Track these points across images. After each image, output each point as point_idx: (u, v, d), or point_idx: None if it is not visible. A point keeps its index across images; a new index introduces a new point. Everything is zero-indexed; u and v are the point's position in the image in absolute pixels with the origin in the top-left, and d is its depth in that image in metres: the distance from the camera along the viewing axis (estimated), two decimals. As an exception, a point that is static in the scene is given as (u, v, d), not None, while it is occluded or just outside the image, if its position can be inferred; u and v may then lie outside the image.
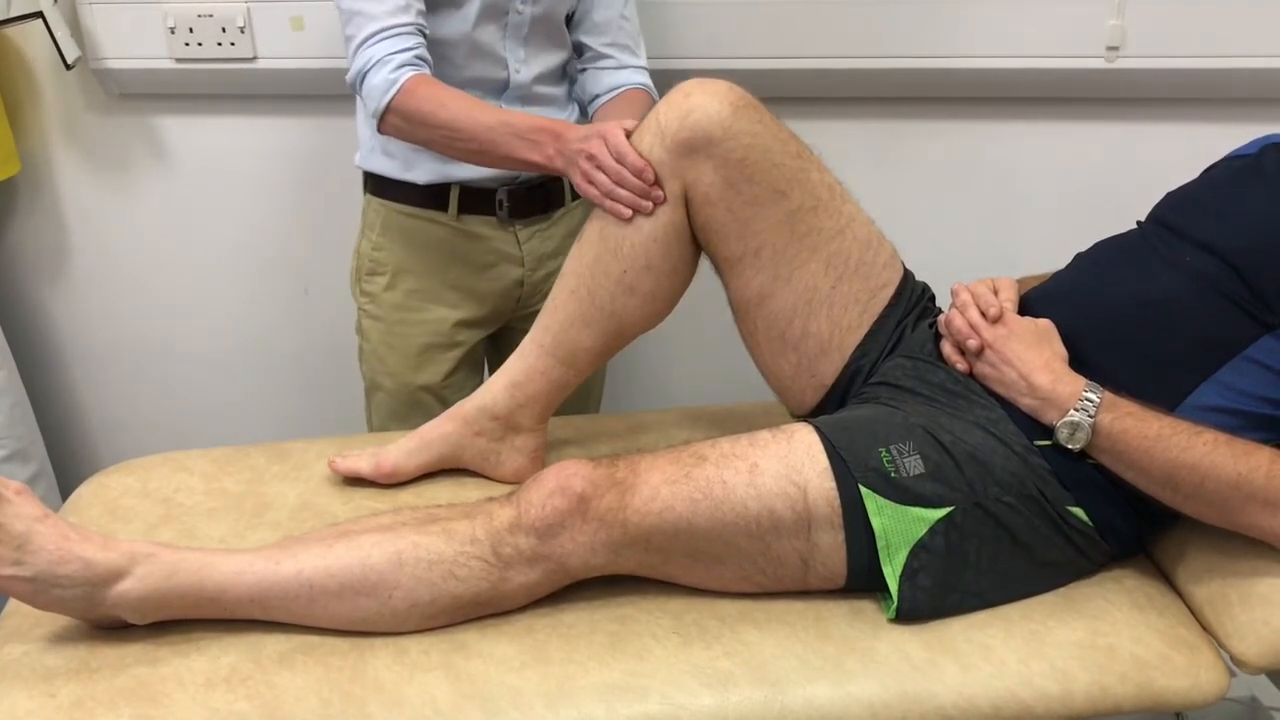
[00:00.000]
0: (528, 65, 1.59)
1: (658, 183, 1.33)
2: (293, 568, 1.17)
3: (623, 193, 1.34)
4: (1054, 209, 2.00)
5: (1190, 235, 1.28)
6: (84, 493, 1.47)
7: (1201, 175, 1.41)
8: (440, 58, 1.53)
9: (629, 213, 1.34)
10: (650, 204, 1.34)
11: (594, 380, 1.88)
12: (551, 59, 1.63)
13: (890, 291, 1.39)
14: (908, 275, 1.43)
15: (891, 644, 1.16)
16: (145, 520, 1.39)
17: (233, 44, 1.93)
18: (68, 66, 1.92)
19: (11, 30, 1.98)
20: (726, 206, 1.33)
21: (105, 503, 1.43)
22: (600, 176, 1.35)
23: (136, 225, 2.16)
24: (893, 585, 1.17)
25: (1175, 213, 1.35)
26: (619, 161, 1.33)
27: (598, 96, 1.67)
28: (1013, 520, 1.19)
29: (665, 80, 1.97)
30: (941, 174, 2.01)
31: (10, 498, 1.14)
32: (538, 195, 1.66)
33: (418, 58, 1.45)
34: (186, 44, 1.94)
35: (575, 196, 1.70)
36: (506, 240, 1.66)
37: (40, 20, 1.89)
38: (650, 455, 1.23)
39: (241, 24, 1.91)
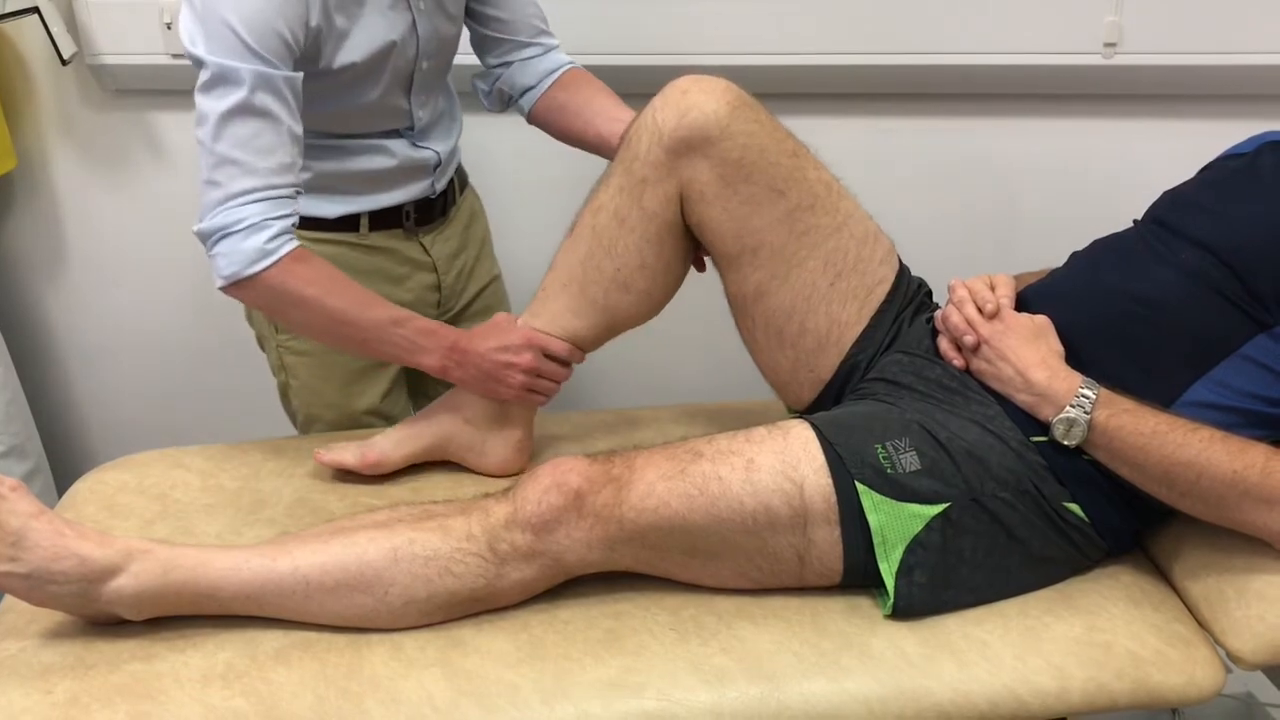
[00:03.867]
0: (427, 107, 1.55)
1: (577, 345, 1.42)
2: (289, 564, 1.18)
3: (553, 389, 1.43)
4: (1050, 206, 2.00)
5: (1186, 234, 1.28)
6: (80, 489, 1.47)
7: (1198, 173, 1.41)
8: (343, 122, 1.48)
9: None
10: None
11: None
12: (441, 86, 1.59)
13: (887, 287, 1.39)
14: (903, 270, 1.43)
15: (888, 640, 1.16)
16: (141, 516, 1.39)
17: (229, 39, 1.92)
18: (64, 62, 1.92)
19: (7, 25, 1.98)
20: (723, 205, 1.33)
21: (101, 499, 1.43)
22: (546, 385, 1.42)
23: (132, 220, 2.16)
24: (889, 581, 1.17)
25: (1171, 211, 1.35)
26: (551, 361, 1.41)
27: (531, 88, 1.62)
28: (1009, 516, 1.19)
29: (662, 77, 1.97)
30: (938, 170, 2.01)
31: (5, 494, 1.14)
32: (438, 202, 1.63)
33: (293, 225, 1.34)
34: (182, 39, 1.94)
35: (461, 190, 1.70)
36: (414, 249, 1.62)
37: (36, 15, 1.88)
38: (646, 451, 1.23)
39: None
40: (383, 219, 1.58)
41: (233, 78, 1.26)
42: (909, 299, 1.42)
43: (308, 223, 1.53)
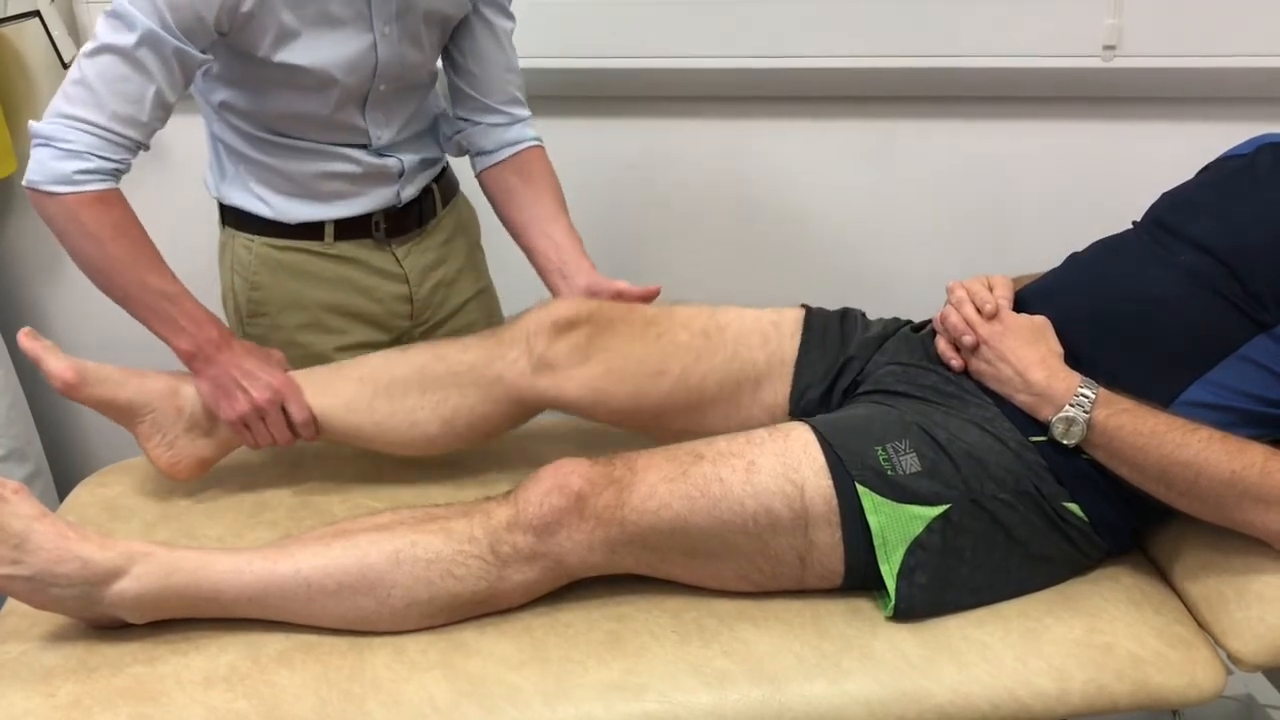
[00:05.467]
0: (388, 126, 1.53)
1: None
2: (290, 567, 1.18)
3: (266, 439, 1.40)
4: (1049, 209, 2.00)
5: (1185, 235, 1.28)
6: (81, 492, 1.48)
7: (1197, 175, 1.42)
8: (298, 128, 1.47)
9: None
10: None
11: None
12: (409, 107, 1.56)
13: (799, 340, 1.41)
14: (811, 315, 1.43)
15: (889, 642, 1.16)
16: (143, 519, 1.39)
17: (229, 43, 1.93)
18: (64, 65, 1.93)
19: (8, 29, 1.98)
20: (607, 407, 1.38)
21: (103, 502, 1.43)
22: (263, 432, 1.40)
23: (133, 224, 2.16)
24: (890, 583, 1.17)
25: (1170, 213, 1.35)
26: (291, 429, 1.40)
27: (488, 153, 1.61)
28: (1009, 517, 1.20)
29: (671, 79, 1.98)
30: (937, 173, 2.01)
31: (8, 496, 1.15)
32: (412, 212, 1.61)
33: (118, 170, 1.35)
34: (183, 43, 1.94)
35: (444, 203, 1.67)
36: (385, 259, 1.61)
37: (37, 19, 1.89)
38: (648, 453, 1.23)
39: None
40: (350, 228, 1.56)
41: (128, 22, 1.29)
42: (836, 327, 1.42)
43: (270, 228, 1.54)
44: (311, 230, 1.55)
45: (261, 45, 1.36)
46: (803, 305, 1.45)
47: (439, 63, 1.59)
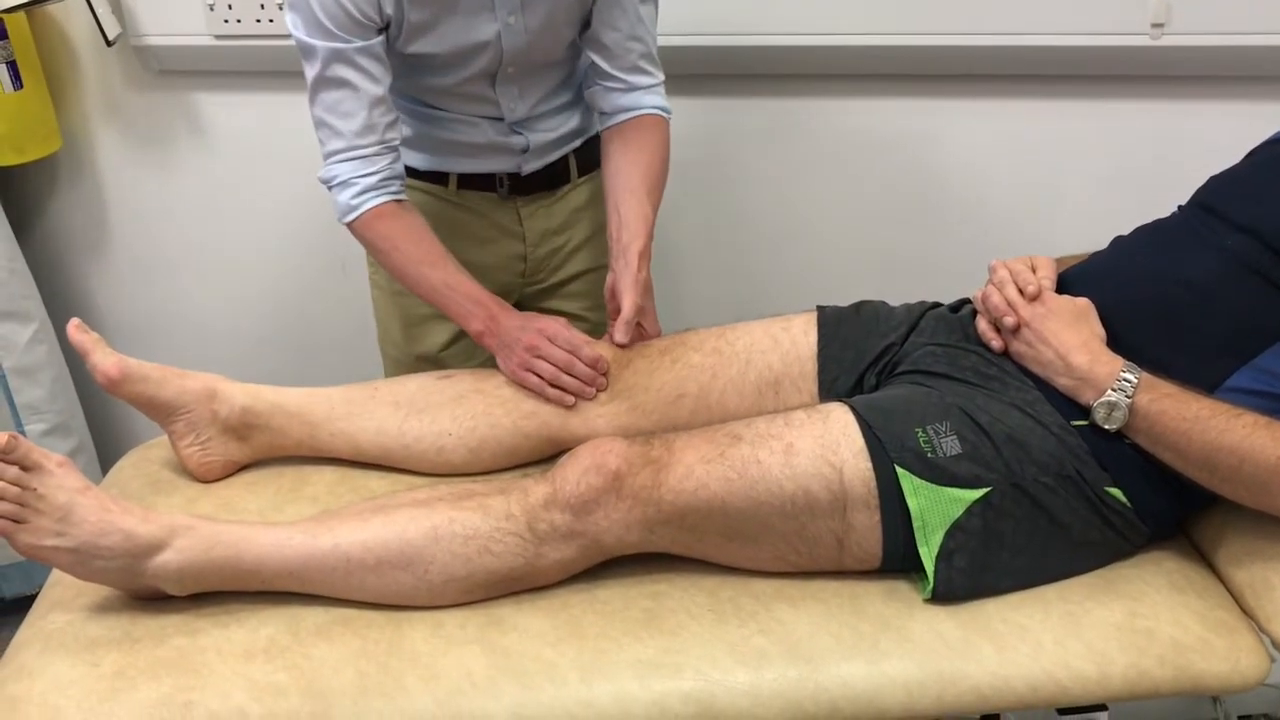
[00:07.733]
0: (522, 100, 1.56)
1: (606, 373, 1.41)
2: (330, 541, 1.19)
3: (569, 380, 1.40)
4: (1095, 189, 1.98)
5: (1231, 219, 1.26)
6: (124, 466, 1.49)
7: (1245, 158, 1.39)
8: (433, 99, 1.54)
9: (572, 400, 1.40)
10: (594, 390, 1.40)
11: None
12: (548, 83, 1.59)
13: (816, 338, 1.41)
14: (824, 311, 1.43)
15: (927, 624, 1.16)
16: (185, 494, 1.41)
17: (271, 20, 1.94)
18: (108, 43, 1.94)
19: (53, 7, 2.00)
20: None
21: (145, 476, 1.45)
22: (544, 366, 1.39)
23: (175, 201, 2.18)
24: (929, 566, 1.17)
25: (1217, 196, 1.33)
26: (571, 353, 1.39)
27: (605, 114, 1.61)
28: (1050, 501, 1.19)
29: (699, 56, 1.97)
30: (982, 153, 1.99)
31: (52, 470, 1.16)
32: (541, 175, 1.64)
33: (384, 180, 1.45)
34: (225, 21, 1.95)
35: (581, 173, 1.69)
36: (507, 215, 1.65)
37: (82, -3, 1.90)
38: (685, 434, 1.23)
39: (280, 1, 1.91)
40: (473, 181, 1.62)
41: (309, 53, 1.40)
42: (854, 323, 1.41)
43: None
44: (437, 176, 1.61)
45: (398, 41, 1.43)
46: (817, 306, 1.45)
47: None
